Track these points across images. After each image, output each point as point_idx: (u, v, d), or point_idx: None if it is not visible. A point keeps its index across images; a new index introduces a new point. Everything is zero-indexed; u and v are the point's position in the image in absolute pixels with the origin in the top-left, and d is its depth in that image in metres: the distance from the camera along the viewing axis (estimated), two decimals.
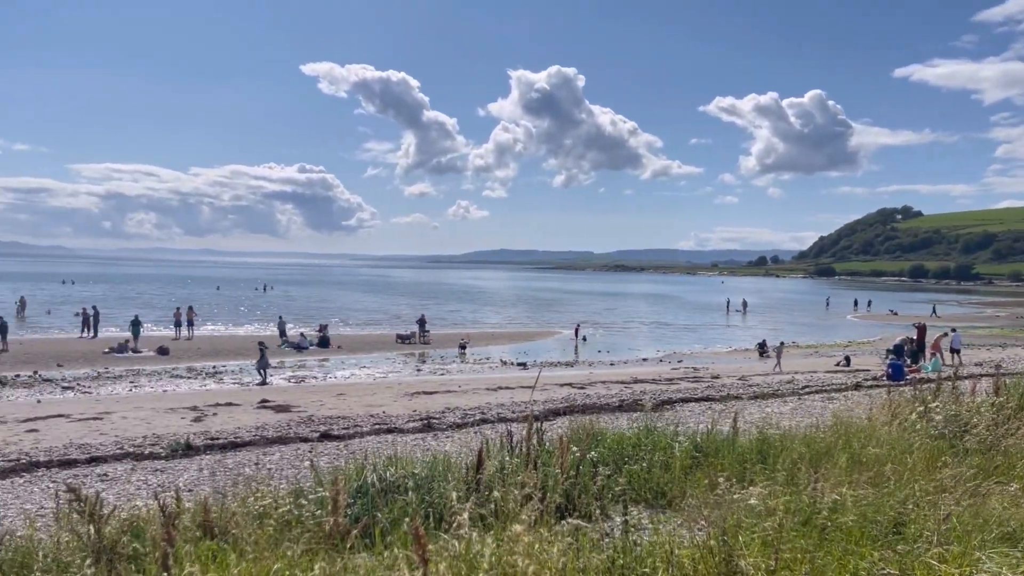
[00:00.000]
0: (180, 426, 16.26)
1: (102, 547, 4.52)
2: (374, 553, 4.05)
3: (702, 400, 18.98)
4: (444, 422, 15.91)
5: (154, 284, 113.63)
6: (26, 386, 25.07)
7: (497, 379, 27.39)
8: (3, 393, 23.65)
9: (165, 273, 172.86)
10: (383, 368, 32.70)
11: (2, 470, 11.30)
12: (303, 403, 20.08)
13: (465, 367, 33.55)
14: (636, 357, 39.06)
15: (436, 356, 37.54)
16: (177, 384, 26.45)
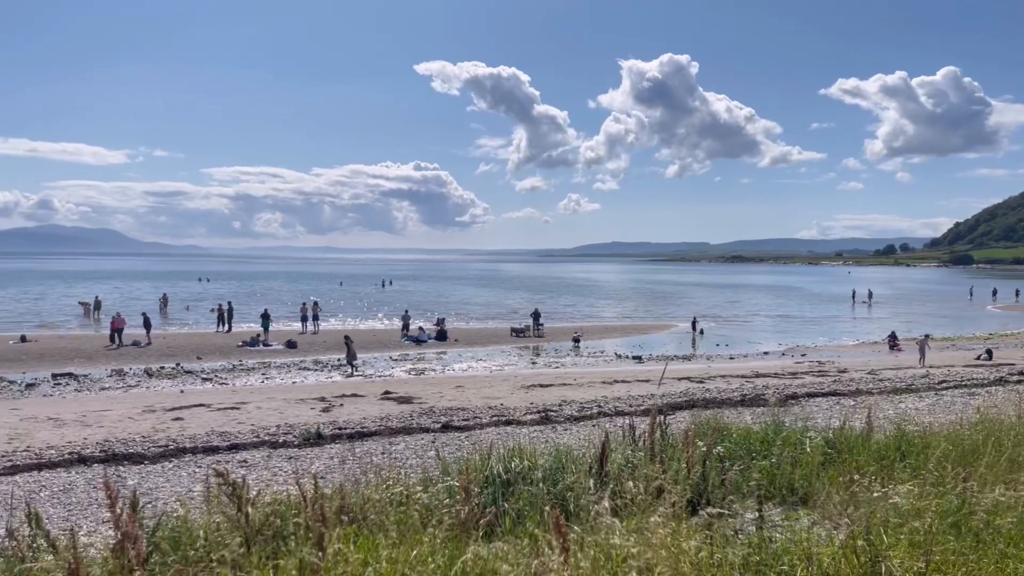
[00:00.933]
0: (310, 416, 16.99)
1: (249, 528, 4.78)
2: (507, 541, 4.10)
3: (829, 395, 18.23)
4: (562, 415, 15.94)
5: (281, 281, 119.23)
6: (170, 377, 26.86)
7: (612, 372, 27.21)
8: (151, 384, 25.43)
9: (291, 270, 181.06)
10: (499, 361, 33.09)
11: (154, 455, 12.15)
12: (424, 395, 20.58)
13: (580, 360, 33.49)
14: (756, 351, 37.91)
15: (550, 349, 37.66)
16: (305, 376, 27.67)
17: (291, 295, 77.58)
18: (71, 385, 25.03)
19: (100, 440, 14.07)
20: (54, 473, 11.12)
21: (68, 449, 13.03)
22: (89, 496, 9.60)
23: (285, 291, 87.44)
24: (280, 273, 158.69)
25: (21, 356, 31.36)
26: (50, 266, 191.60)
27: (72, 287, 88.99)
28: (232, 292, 75.32)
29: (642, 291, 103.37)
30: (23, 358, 30.86)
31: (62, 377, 26.37)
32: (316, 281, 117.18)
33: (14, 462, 11.78)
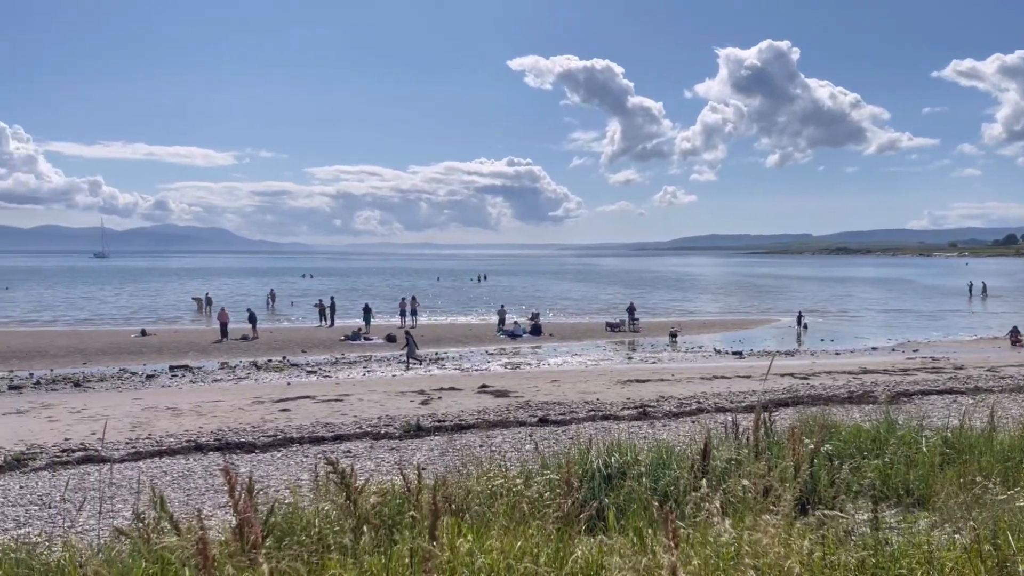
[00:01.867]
0: (410, 408, 17.35)
1: (357, 516, 4.92)
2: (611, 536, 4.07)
3: (945, 392, 17.34)
4: (660, 410, 15.75)
5: (379, 276, 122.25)
6: (277, 370, 27.94)
7: (711, 368, 26.65)
8: (259, 376, 26.53)
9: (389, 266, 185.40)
10: (594, 356, 32.94)
11: (263, 445, 12.69)
12: (519, 389, 20.70)
13: (677, 356, 32.96)
14: (864, 346, 36.37)
15: (646, 344, 37.22)
16: (403, 369, 28.26)
17: (389, 290, 79.44)
18: (186, 377, 26.37)
19: (214, 429, 14.79)
20: (173, 459, 11.76)
21: (185, 437, 13.75)
22: (206, 482, 10.11)
23: (383, 287, 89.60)
24: (379, 269, 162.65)
25: (142, 349, 33.28)
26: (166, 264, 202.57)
27: (186, 284, 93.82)
28: (334, 288, 77.73)
29: (741, 285, 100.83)
30: (143, 351, 32.74)
31: (178, 369, 27.82)
32: (413, 277, 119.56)
33: (137, 449, 12.52)
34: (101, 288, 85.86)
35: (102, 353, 31.81)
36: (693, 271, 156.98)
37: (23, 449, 12.87)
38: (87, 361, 29.78)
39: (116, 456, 11.88)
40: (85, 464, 11.45)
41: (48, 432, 15.17)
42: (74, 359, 30.23)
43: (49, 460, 11.75)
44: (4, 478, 10.70)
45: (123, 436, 14.26)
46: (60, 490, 9.75)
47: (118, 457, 11.79)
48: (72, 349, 32.80)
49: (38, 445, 13.37)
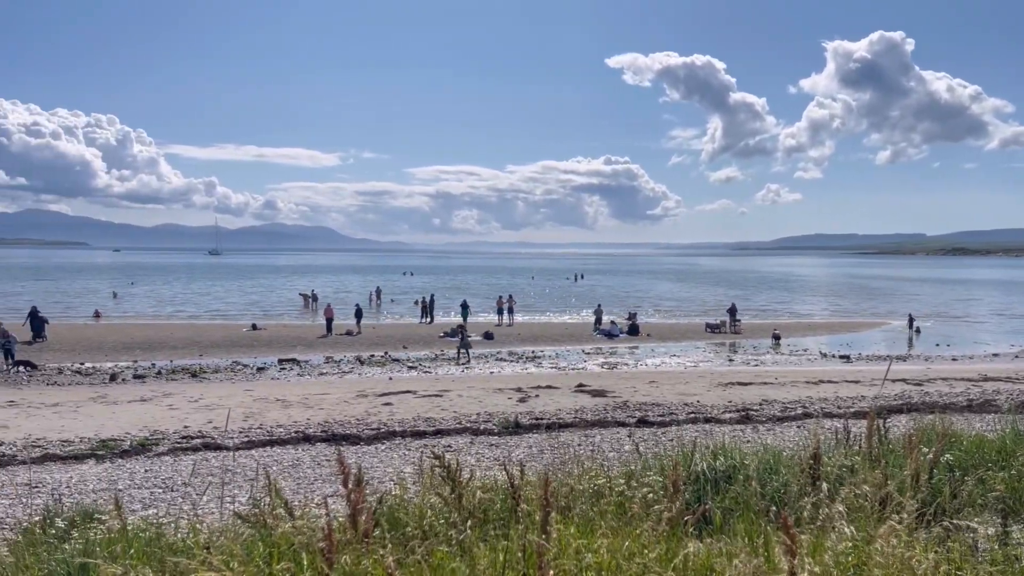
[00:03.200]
0: (507, 405, 17.49)
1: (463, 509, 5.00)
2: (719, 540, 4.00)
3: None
4: (763, 414, 15.33)
5: (477, 275, 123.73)
6: (379, 365, 28.70)
7: (817, 372, 25.73)
8: (362, 370, 27.32)
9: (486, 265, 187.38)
10: (693, 357, 32.35)
11: (368, 437, 13.05)
12: (617, 389, 20.55)
13: (780, 358, 31.99)
14: (984, 352, 34.34)
15: (748, 346, 36.28)
16: (501, 367, 28.53)
17: (486, 289, 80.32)
18: (294, 370, 27.42)
19: (320, 421, 15.32)
20: (283, 449, 12.25)
21: (294, 428, 14.30)
22: (314, 472, 10.49)
23: (480, 285, 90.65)
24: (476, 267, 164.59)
25: (253, 343, 34.82)
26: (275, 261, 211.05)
27: (293, 280, 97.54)
28: (433, 286, 79.16)
29: (849, 286, 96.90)
30: (254, 344, 34.25)
31: (286, 362, 28.95)
32: (509, 275, 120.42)
33: (250, 438, 13.10)
34: (215, 284, 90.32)
35: (216, 346, 33.46)
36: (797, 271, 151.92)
37: (147, 435, 13.68)
38: (203, 353, 31.38)
39: (231, 444, 12.46)
40: (203, 451, 12.07)
41: (169, 419, 16.07)
42: (191, 351, 31.91)
43: (171, 446, 12.44)
44: (131, 462, 11.40)
45: (236, 425, 14.95)
46: (181, 474, 10.32)
47: (233, 445, 12.37)
48: (189, 341, 34.65)
49: (160, 431, 14.18)
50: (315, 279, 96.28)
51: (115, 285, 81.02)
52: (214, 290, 78.96)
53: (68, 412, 17.29)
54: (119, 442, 12.83)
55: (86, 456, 11.69)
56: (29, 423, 15.81)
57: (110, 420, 16.08)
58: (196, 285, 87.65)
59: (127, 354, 30.80)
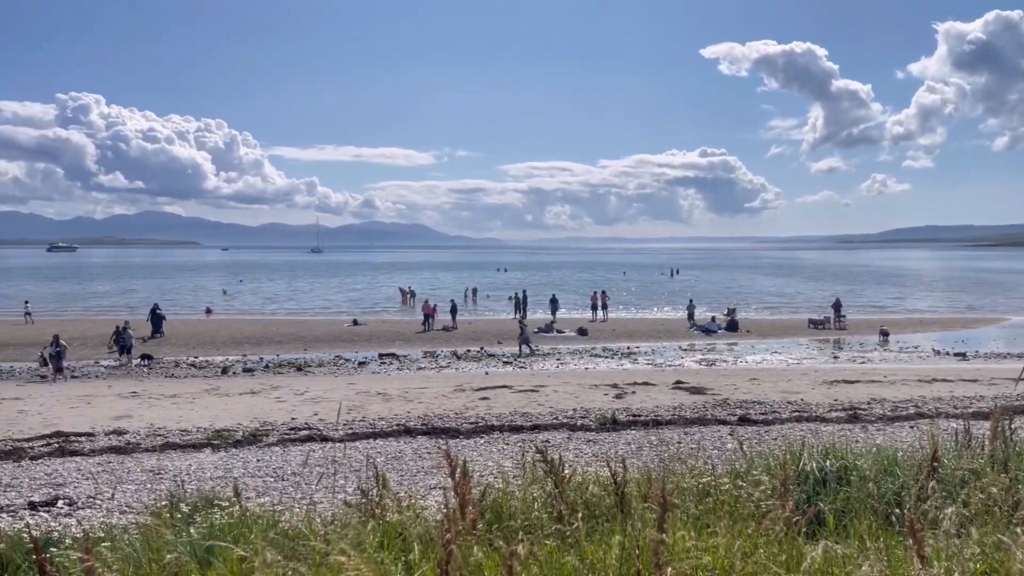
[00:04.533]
0: (604, 402, 17.41)
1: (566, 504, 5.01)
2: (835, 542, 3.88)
3: None
4: (872, 413, 14.73)
5: (569, 270, 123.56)
6: (475, 360, 29.07)
7: (930, 370, 24.51)
8: (459, 365, 27.74)
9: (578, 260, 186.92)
10: (795, 354, 31.36)
11: (467, 431, 13.25)
12: (716, 386, 20.14)
13: (889, 356, 30.63)
14: None
15: (854, 343, 34.89)
16: (596, 363, 28.41)
17: (578, 284, 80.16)
18: (394, 364, 28.08)
19: (420, 415, 15.64)
20: (386, 441, 12.57)
21: (395, 421, 14.65)
22: (416, 464, 10.73)
23: (573, 280, 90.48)
24: (568, 263, 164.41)
25: (354, 338, 35.86)
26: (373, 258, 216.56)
27: (391, 277, 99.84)
28: (526, 282, 79.54)
29: (964, 280, 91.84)
30: (355, 339, 35.27)
31: (386, 357, 29.69)
32: (602, 271, 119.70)
33: (354, 430, 13.51)
34: (317, 281, 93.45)
35: (319, 341, 34.62)
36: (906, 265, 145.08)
37: (258, 426, 14.31)
38: (307, 348, 32.53)
39: (336, 436, 12.88)
40: (310, 442, 12.52)
41: (277, 411, 16.74)
42: (296, 346, 33.14)
43: (280, 437, 12.96)
44: (243, 451, 11.94)
45: (340, 418, 15.44)
46: (291, 464, 10.74)
47: (338, 437, 12.78)
48: (294, 336, 35.98)
49: (270, 423, 14.80)
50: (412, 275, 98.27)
51: (225, 283, 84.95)
52: (316, 287, 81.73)
53: (185, 403, 18.24)
54: (232, 432, 13.46)
55: (203, 445, 12.31)
56: (150, 413, 16.77)
57: (223, 411, 16.88)
58: (299, 282, 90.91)
59: (237, 349, 32.25)
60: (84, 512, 8.37)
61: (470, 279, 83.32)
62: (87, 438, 13.26)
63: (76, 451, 12.02)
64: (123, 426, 14.68)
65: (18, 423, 15.54)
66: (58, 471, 10.59)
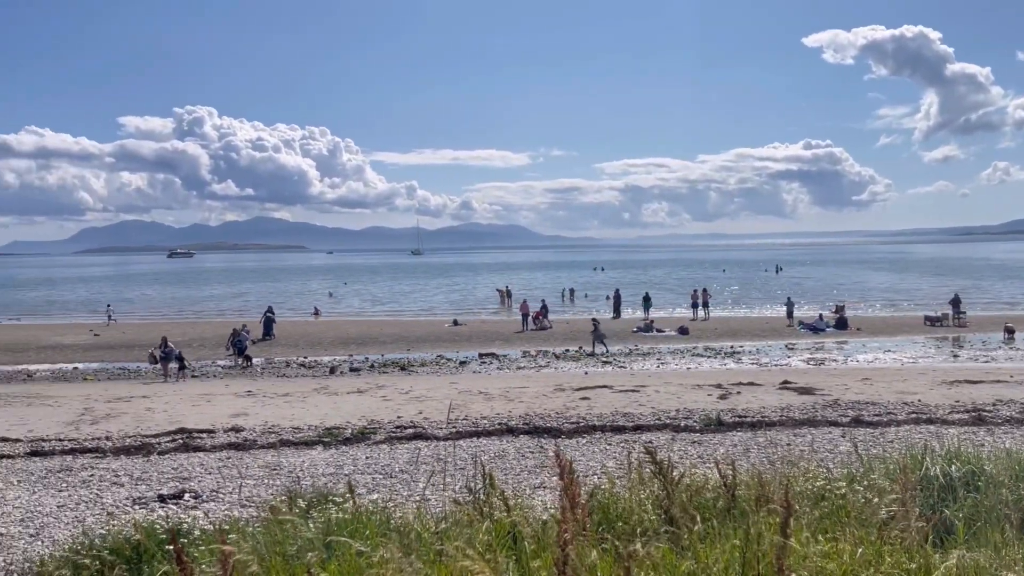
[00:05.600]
0: (707, 402, 17.07)
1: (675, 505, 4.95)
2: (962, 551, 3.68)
3: None
4: (999, 416, 13.89)
5: (667, 268, 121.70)
6: (574, 359, 29.02)
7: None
8: (558, 365, 27.77)
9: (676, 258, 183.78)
10: (910, 352, 29.86)
11: (568, 431, 13.25)
12: (826, 386, 19.43)
13: (1015, 354, 28.77)
14: None
15: (975, 341, 32.93)
16: (698, 362, 27.88)
17: (677, 282, 78.84)
18: (494, 364, 28.37)
19: (521, 414, 15.74)
20: (489, 440, 12.71)
21: (497, 420, 14.80)
22: (519, 463, 10.81)
23: (671, 279, 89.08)
24: (666, 261, 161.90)
25: (454, 338, 36.44)
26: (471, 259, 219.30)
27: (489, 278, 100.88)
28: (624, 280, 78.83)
29: None
30: (456, 339, 35.83)
31: (486, 357, 30.03)
32: (701, 268, 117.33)
33: (458, 429, 13.73)
34: (418, 282, 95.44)
35: (422, 341, 35.34)
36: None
37: (365, 424, 14.73)
38: (410, 348, 33.26)
39: (440, 435, 13.13)
40: (416, 440, 12.80)
41: (383, 410, 17.19)
42: (399, 346, 33.93)
43: (386, 435, 13.31)
44: (353, 449, 12.32)
45: (443, 416, 15.72)
46: (398, 462, 11.02)
47: (442, 435, 13.02)
48: (397, 337, 36.86)
49: (376, 421, 15.21)
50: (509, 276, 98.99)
51: (330, 285, 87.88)
52: (417, 288, 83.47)
53: (296, 402, 18.98)
54: (342, 430, 13.91)
55: (314, 442, 12.77)
56: (265, 411, 17.53)
57: (332, 410, 17.47)
58: (401, 284, 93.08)
59: (343, 349, 33.31)
60: (208, 505, 8.84)
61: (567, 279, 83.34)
62: (208, 435, 14.00)
63: (199, 447, 12.70)
64: (240, 423, 15.41)
65: (146, 420, 16.54)
66: (183, 466, 11.21)
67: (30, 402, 19.82)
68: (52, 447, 12.92)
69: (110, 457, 11.94)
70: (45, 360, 31.76)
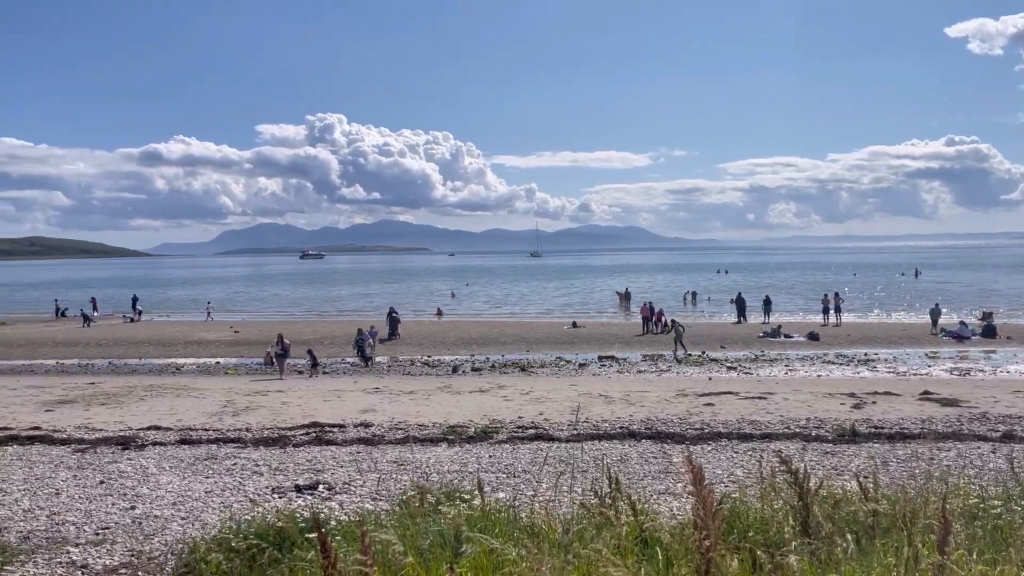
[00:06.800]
0: (840, 412, 16.32)
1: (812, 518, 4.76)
2: None
3: None
4: None
5: (794, 271, 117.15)
6: (697, 364, 28.40)
7: None
8: (679, 369, 27.25)
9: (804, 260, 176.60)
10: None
11: (692, 437, 12.98)
12: (972, 398, 18.18)
13: None
14: None
15: None
16: (829, 370, 26.68)
17: (804, 286, 75.75)
18: (613, 366, 28.16)
19: (643, 418, 15.56)
20: (610, 443, 12.62)
21: (618, 423, 14.69)
22: (642, 468, 10.67)
23: (798, 282, 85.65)
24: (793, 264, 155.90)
25: (573, 339, 36.42)
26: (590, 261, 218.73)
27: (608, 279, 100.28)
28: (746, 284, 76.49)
29: None
30: (575, 341, 35.80)
31: (606, 359, 29.83)
32: (831, 271, 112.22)
33: (579, 432, 13.71)
34: (537, 284, 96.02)
35: (541, 342, 35.52)
36: None
37: (487, 423, 14.96)
38: (530, 349, 33.49)
39: (561, 436, 13.15)
40: (537, 440, 12.87)
41: (505, 410, 17.40)
42: (519, 347, 34.23)
43: (508, 435, 13.46)
44: (476, 447, 12.52)
45: (564, 418, 15.75)
46: (520, 462, 11.12)
47: (563, 437, 13.04)
48: (517, 338, 37.21)
49: (498, 420, 15.42)
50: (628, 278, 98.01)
51: (452, 286, 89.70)
52: (536, 290, 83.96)
53: (421, 399, 19.49)
54: (465, 428, 14.19)
55: (439, 440, 13.07)
56: (391, 408, 18.10)
57: (455, 408, 17.84)
58: (520, 285, 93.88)
59: (465, 349, 33.93)
60: (341, 497, 9.20)
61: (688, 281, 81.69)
62: (339, 429, 14.59)
63: (330, 440, 13.26)
64: (368, 419, 15.98)
65: (281, 414, 17.42)
66: (316, 458, 11.72)
67: (179, 393, 21.27)
68: (199, 436, 13.83)
69: (250, 447, 12.64)
70: (191, 354, 34.02)
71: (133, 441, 13.31)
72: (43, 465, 11.40)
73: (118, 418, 17.07)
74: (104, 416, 17.48)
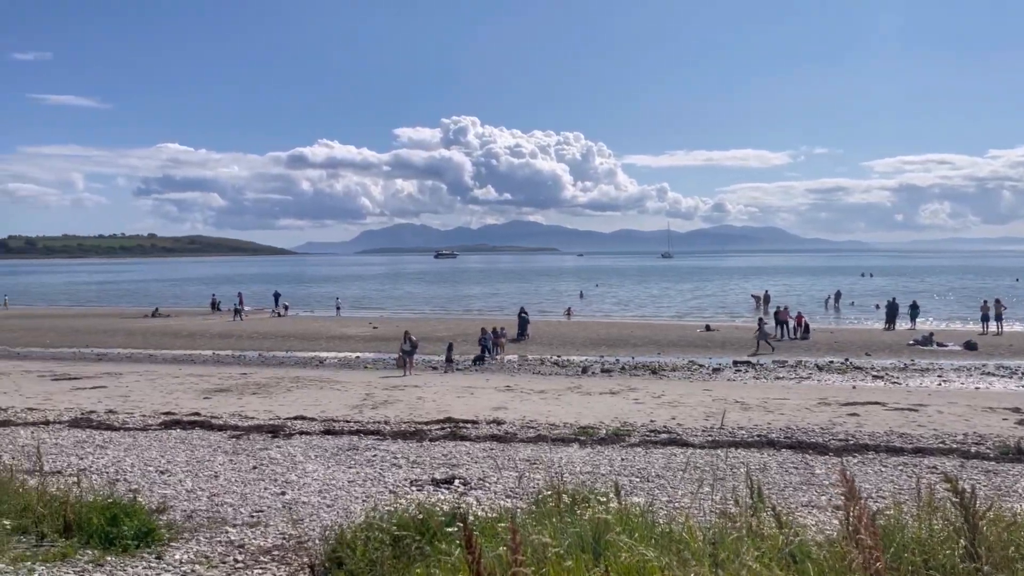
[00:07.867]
0: (1003, 427, 15.11)
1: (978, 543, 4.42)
2: None
3: None
4: None
5: (948, 276, 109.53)
6: (840, 372, 27.04)
7: None
8: (821, 376, 26.04)
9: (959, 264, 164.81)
10: None
11: (835, 448, 12.36)
12: None
13: None
14: None
15: None
16: (989, 382, 24.75)
17: (958, 292, 70.69)
18: (749, 372, 27.26)
19: (782, 426, 14.96)
20: (748, 452, 12.20)
21: (756, 431, 14.19)
22: (783, 479, 10.26)
23: (951, 287, 79.95)
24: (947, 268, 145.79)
25: (707, 343, 35.55)
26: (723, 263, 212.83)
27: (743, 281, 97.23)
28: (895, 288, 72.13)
29: None
30: (708, 345, 34.94)
31: (741, 364, 28.92)
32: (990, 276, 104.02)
33: (713, 438, 13.35)
34: (669, 285, 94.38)
35: (673, 345, 34.88)
36: None
37: (619, 425, 14.82)
38: (661, 351, 32.95)
39: (696, 442, 12.85)
40: (670, 445, 12.63)
41: (636, 412, 17.20)
42: (650, 349, 33.76)
43: (640, 438, 13.28)
44: (607, 449, 12.42)
45: (698, 424, 15.40)
46: (654, 466, 10.93)
47: (698, 443, 12.74)
48: (648, 340, 36.71)
49: (630, 423, 15.25)
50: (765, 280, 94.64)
51: (581, 286, 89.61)
52: (667, 291, 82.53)
53: (551, 399, 19.58)
54: (596, 430, 14.11)
55: (571, 440, 13.07)
56: (522, 406, 18.28)
57: (586, 409, 17.80)
58: (650, 287, 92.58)
59: (594, 349, 33.82)
60: (476, 492, 9.36)
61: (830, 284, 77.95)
62: (472, 425, 14.87)
63: (464, 436, 13.53)
64: (500, 416, 16.21)
65: (418, 408, 17.96)
66: (451, 453, 11.99)
67: (322, 386, 22.34)
68: (341, 427, 14.46)
69: (389, 440, 13.09)
70: (333, 348, 35.67)
71: (281, 430, 14.08)
72: (203, 449, 12.25)
73: (268, 407, 18.12)
74: (255, 405, 18.60)
